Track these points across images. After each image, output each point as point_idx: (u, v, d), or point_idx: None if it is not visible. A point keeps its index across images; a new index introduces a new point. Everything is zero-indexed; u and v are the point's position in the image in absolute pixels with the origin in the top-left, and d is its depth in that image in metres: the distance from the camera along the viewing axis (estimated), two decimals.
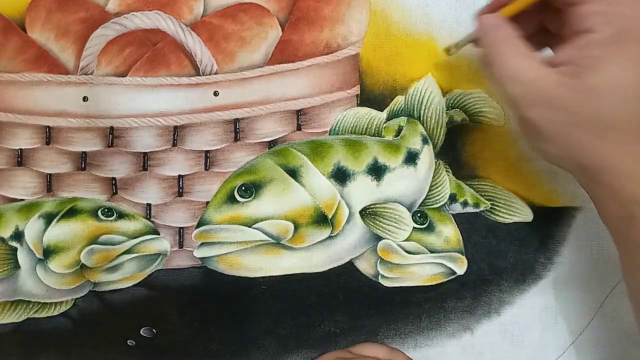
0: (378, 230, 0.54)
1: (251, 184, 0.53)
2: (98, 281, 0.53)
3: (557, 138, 0.42)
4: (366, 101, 0.55)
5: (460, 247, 0.55)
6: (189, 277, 0.54)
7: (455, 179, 0.55)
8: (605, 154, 0.41)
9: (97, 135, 0.52)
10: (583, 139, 0.41)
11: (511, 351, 0.56)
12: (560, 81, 0.40)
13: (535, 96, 0.41)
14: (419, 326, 0.55)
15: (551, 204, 0.56)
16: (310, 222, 0.53)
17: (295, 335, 0.55)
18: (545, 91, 0.41)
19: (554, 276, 0.56)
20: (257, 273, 0.54)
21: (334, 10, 0.54)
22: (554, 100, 0.41)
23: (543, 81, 0.41)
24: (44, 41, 0.52)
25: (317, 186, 0.53)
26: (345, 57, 0.54)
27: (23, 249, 0.52)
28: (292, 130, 0.54)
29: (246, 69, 0.53)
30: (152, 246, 0.53)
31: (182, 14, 0.53)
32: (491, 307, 0.56)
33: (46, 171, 0.53)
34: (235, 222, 0.53)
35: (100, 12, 0.52)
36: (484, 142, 0.56)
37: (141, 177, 0.53)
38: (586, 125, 0.40)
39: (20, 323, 0.53)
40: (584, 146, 0.41)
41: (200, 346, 0.54)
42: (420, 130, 0.55)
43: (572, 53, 0.41)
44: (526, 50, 0.43)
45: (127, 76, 0.52)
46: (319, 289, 0.55)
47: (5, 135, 0.52)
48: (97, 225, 0.53)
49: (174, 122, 0.53)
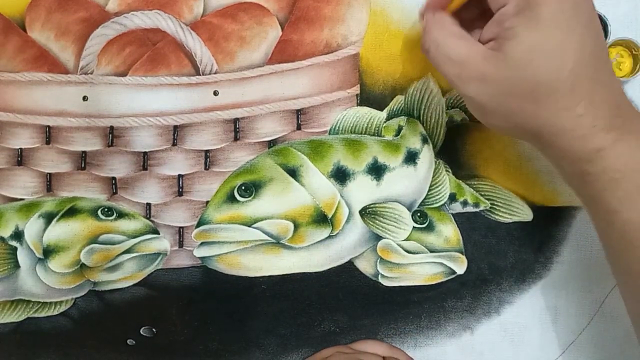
0: (378, 229, 0.54)
1: (251, 184, 0.53)
2: (98, 281, 0.53)
3: (498, 110, 0.43)
4: (366, 101, 0.55)
5: (460, 247, 0.55)
6: (189, 277, 0.54)
7: (455, 178, 0.55)
8: (542, 117, 0.42)
9: (97, 135, 0.52)
10: (519, 107, 0.43)
11: (511, 351, 0.56)
12: (488, 55, 0.43)
13: (469, 73, 0.43)
14: (418, 326, 0.55)
15: (551, 203, 0.56)
16: (310, 222, 0.53)
17: (295, 335, 0.55)
18: (477, 67, 0.43)
19: (554, 276, 0.56)
20: (257, 273, 0.54)
21: (334, 10, 0.54)
22: (486, 74, 0.43)
23: (474, 58, 0.43)
24: (44, 41, 0.52)
25: (317, 186, 0.53)
26: (345, 57, 0.54)
27: (23, 248, 0.53)
28: (292, 130, 0.54)
29: (246, 68, 0.53)
30: (152, 246, 0.53)
31: (182, 14, 0.53)
32: (491, 306, 0.56)
33: (46, 171, 0.53)
34: (235, 221, 0.53)
35: (100, 12, 0.52)
36: (484, 142, 0.56)
37: (141, 177, 0.53)
38: (518, 93, 0.42)
39: (20, 323, 0.53)
40: (523, 113, 0.43)
41: (200, 346, 0.54)
42: (420, 130, 0.55)
43: (493, 28, 0.43)
44: (459, 31, 0.45)
45: (127, 76, 0.52)
46: (319, 289, 0.55)
47: (5, 135, 0.52)
48: (97, 225, 0.53)
49: (174, 121, 0.53)
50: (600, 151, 0.42)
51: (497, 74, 0.42)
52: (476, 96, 0.44)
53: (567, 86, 0.41)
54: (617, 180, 0.42)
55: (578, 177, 0.44)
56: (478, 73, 0.43)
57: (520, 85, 0.42)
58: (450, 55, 0.44)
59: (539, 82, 0.41)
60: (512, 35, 0.42)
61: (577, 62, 0.41)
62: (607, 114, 0.42)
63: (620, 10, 0.55)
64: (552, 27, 0.41)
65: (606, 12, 0.54)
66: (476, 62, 0.43)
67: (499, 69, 0.42)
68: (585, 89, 0.42)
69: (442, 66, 0.45)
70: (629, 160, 0.42)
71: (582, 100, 0.41)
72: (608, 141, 0.42)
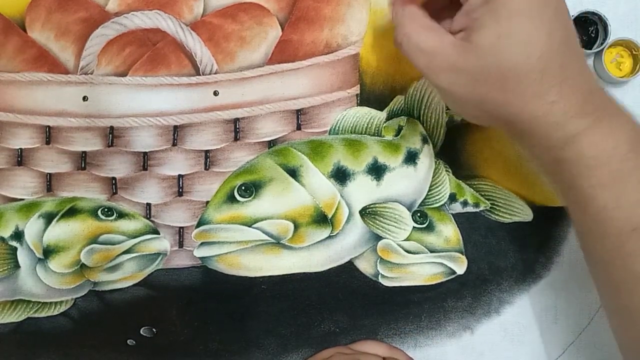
0: (378, 229, 0.54)
1: (251, 184, 0.53)
2: (98, 281, 0.53)
3: (470, 99, 0.44)
4: (366, 101, 0.55)
5: (460, 247, 0.55)
6: (189, 277, 0.54)
7: (455, 178, 0.55)
8: (513, 104, 0.42)
9: (97, 135, 0.52)
10: (489, 95, 0.43)
11: (511, 351, 0.56)
12: (458, 45, 0.43)
13: (438, 63, 0.44)
14: (418, 326, 0.55)
15: (551, 203, 0.56)
16: (310, 222, 0.53)
17: (295, 335, 0.55)
18: (447, 57, 0.43)
19: (554, 276, 0.56)
20: (257, 273, 0.54)
21: (334, 10, 0.54)
22: (455, 64, 0.43)
23: (443, 49, 0.43)
24: (44, 41, 0.52)
25: (317, 186, 0.53)
26: (345, 57, 0.54)
27: (23, 248, 0.53)
28: (292, 130, 0.54)
29: (246, 68, 0.53)
30: (152, 246, 0.53)
31: (182, 14, 0.53)
32: (491, 306, 0.56)
33: (46, 171, 0.53)
34: (235, 221, 0.53)
35: (100, 12, 0.52)
36: (484, 142, 0.56)
37: (141, 177, 0.53)
38: (486, 81, 0.42)
39: (20, 323, 0.53)
40: (494, 101, 0.43)
41: (201, 346, 0.54)
42: (420, 130, 0.55)
43: (462, 19, 0.43)
44: (429, 23, 0.45)
45: (127, 76, 0.52)
46: (319, 289, 0.55)
47: (5, 135, 0.52)
48: (97, 225, 0.53)
49: (174, 121, 0.53)
50: (574, 137, 0.42)
51: (466, 63, 0.42)
52: (447, 86, 0.44)
53: (536, 73, 0.41)
54: (592, 166, 0.42)
55: (552, 165, 0.44)
56: (448, 63, 0.43)
57: (489, 73, 0.42)
58: (421, 47, 0.44)
59: (508, 69, 0.41)
60: (480, 26, 0.42)
61: (545, 49, 0.41)
62: (580, 101, 0.42)
63: (620, 10, 0.55)
64: (519, 16, 0.41)
65: (606, 12, 0.54)
66: (446, 53, 0.43)
67: (468, 59, 0.42)
68: (556, 77, 0.41)
69: (413, 58, 0.45)
70: (604, 146, 0.42)
71: (552, 87, 0.41)
72: (582, 127, 0.42)
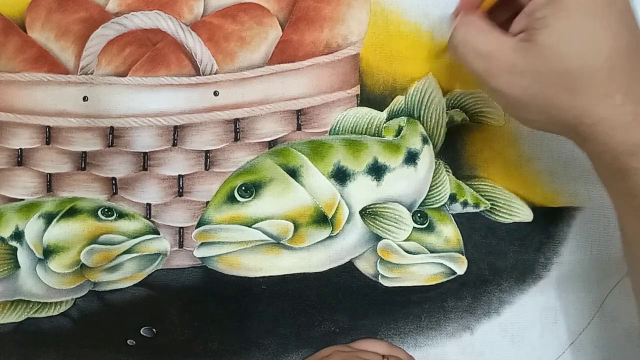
0: (378, 230, 0.54)
1: (251, 184, 0.53)
2: (98, 281, 0.53)
3: (532, 102, 0.43)
4: (366, 101, 0.55)
5: (460, 247, 0.55)
6: (189, 277, 0.54)
7: (455, 178, 0.55)
8: (580, 107, 0.41)
9: (97, 135, 0.52)
10: (554, 98, 0.42)
11: (511, 351, 0.56)
12: (518, 47, 0.42)
13: (498, 65, 0.43)
14: (418, 326, 0.55)
15: (551, 204, 0.56)
16: (310, 222, 0.53)
17: (295, 335, 0.55)
18: (506, 60, 0.42)
19: (554, 276, 0.56)
20: (257, 273, 0.54)
21: (334, 10, 0.54)
22: (517, 66, 0.42)
23: (503, 51, 0.43)
24: (44, 41, 0.52)
25: (317, 186, 0.53)
26: (345, 57, 0.54)
27: (23, 248, 0.53)
28: (292, 130, 0.54)
29: (246, 69, 0.53)
30: (152, 246, 0.53)
31: (182, 14, 0.53)
32: (491, 307, 0.56)
33: (46, 171, 0.53)
34: (235, 222, 0.53)
35: (100, 12, 0.52)
36: (484, 142, 0.56)
37: (141, 177, 0.53)
38: (552, 83, 0.41)
39: (20, 323, 0.53)
40: (558, 104, 0.42)
41: (201, 346, 0.54)
42: (420, 130, 0.55)
43: (523, 20, 0.43)
44: (487, 26, 0.44)
45: (127, 76, 0.52)
46: (319, 289, 0.55)
47: (5, 135, 0.52)
48: (97, 225, 0.53)
49: (174, 122, 0.53)
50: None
51: (528, 64, 0.41)
52: (507, 90, 0.43)
53: (603, 74, 0.40)
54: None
55: (617, 172, 0.42)
56: (508, 65, 0.42)
57: (554, 74, 0.41)
58: (479, 50, 0.43)
59: (574, 70, 0.40)
60: (543, 25, 0.41)
61: (613, 50, 0.40)
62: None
63: None
64: (584, 15, 0.40)
65: None
66: (506, 55, 0.42)
67: (531, 60, 0.41)
68: (623, 80, 0.40)
69: (470, 62, 0.44)
70: None
71: (620, 89, 0.40)
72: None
